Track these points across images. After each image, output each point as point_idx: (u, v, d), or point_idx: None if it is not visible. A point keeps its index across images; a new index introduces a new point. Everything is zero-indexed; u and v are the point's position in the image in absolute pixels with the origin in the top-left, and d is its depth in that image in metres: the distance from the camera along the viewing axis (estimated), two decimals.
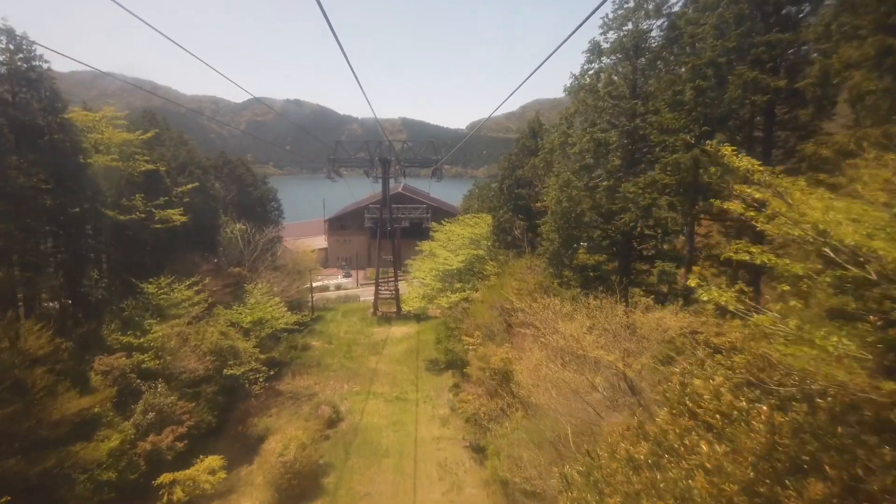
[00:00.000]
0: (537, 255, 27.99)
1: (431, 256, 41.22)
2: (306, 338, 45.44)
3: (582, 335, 11.19)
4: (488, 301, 28.75)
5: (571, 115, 21.14)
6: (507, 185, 32.92)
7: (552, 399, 11.19)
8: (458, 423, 27.35)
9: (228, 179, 46.91)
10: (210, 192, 35.99)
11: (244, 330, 31.83)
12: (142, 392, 21.38)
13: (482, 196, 54.23)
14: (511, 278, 29.38)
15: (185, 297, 27.45)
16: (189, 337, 25.67)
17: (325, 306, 62.30)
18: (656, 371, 9.79)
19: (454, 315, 31.97)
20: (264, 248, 42.63)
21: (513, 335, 27.74)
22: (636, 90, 18.93)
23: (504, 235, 32.92)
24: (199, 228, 34.92)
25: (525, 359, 14.53)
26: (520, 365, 15.15)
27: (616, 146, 19.48)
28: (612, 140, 19.21)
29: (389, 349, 43.30)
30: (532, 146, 33.27)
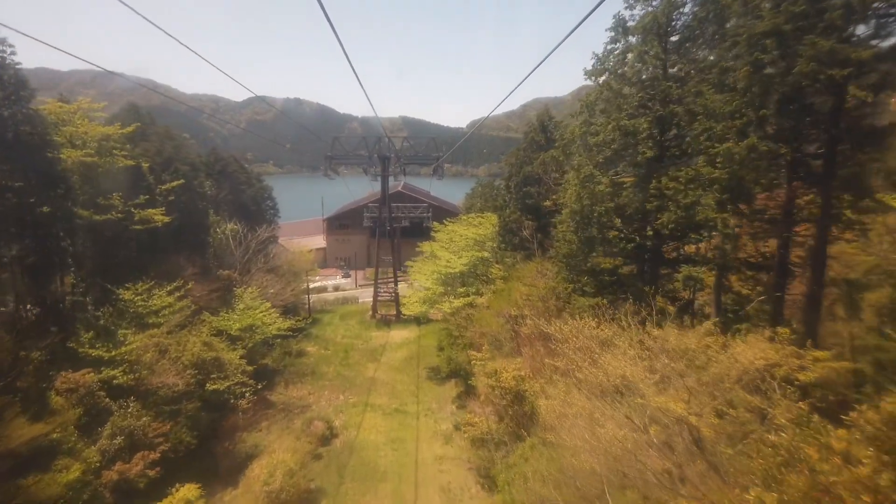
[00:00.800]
0: (548, 258, 25.66)
1: (432, 258, 38.83)
2: (301, 343, 43.10)
3: (640, 376, 8.80)
4: (495, 308, 26.42)
5: (593, 102, 18.76)
6: (514, 182, 30.44)
7: (587, 445, 8.88)
8: (463, 441, 25.02)
9: (220, 177, 44.55)
10: (198, 190, 33.61)
11: (232, 338, 29.50)
12: (111, 412, 19.04)
13: (485, 194, 51.84)
14: (519, 283, 27.03)
15: (166, 303, 25.08)
16: (169, 348, 23.32)
17: (322, 308, 59.99)
18: (736, 425, 7.54)
19: (457, 322, 29.63)
20: (257, 250, 40.27)
21: (522, 344, 25.43)
22: (667, 72, 16.60)
23: (511, 236, 30.55)
24: (186, 229, 32.54)
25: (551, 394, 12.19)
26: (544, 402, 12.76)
27: (646, 135, 17.13)
28: (642, 128, 16.85)
29: (388, 355, 40.98)
30: (541, 141, 30.82)
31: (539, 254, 28.07)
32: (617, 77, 17.74)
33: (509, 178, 31.10)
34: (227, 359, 24.92)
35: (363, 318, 53.34)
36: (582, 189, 18.07)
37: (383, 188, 51.85)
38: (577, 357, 11.59)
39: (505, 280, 29.19)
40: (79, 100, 27.29)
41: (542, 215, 29.57)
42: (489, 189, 54.00)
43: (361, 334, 47.64)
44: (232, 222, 41.74)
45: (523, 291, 26.00)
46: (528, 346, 23.88)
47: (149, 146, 32.53)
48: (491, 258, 32.32)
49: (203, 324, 27.45)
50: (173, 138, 34.92)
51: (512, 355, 24.94)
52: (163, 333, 23.75)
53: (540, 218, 29.57)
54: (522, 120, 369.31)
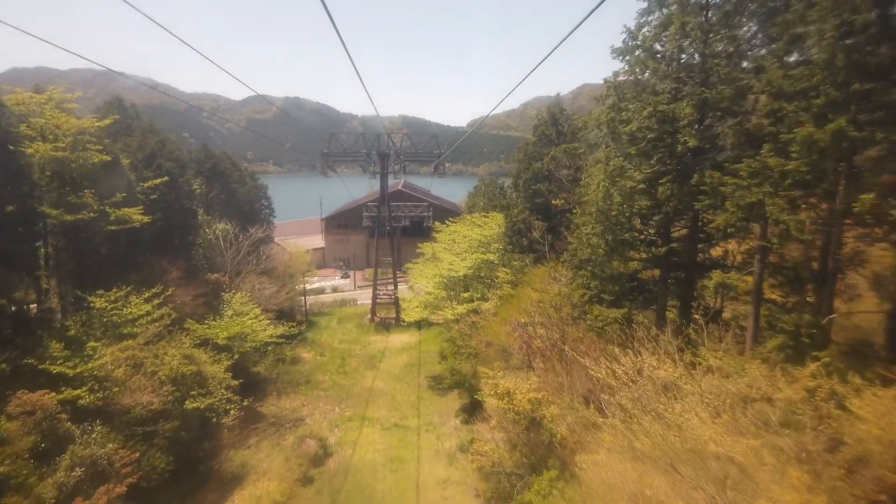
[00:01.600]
0: (562, 262, 23.33)
1: (434, 260, 36.51)
2: (296, 349, 40.80)
3: (752, 461, 6.38)
4: (502, 316, 24.13)
5: (622, 84, 16.36)
6: (523, 179, 28.04)
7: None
8: (468, 462, 22.70)
9: (212, 175, 42.19)
10: (184, 188, 31.27)
11: (220, 347, 27.21)
12: (73, 439, 16.73)
13: (489, 193, 49.47)
14: (529, 288, 24.71)
15: (143, 312, 22.75)
16: (145, 362, 21.00)
17: (319, 311, 57.73)
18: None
19: (460, 329, 27.33)
20: (249, 251, 37.93)
21: (533, 356, 23.12)
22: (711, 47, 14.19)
23: (519, 238, 28.22)
24: (170, 230, 30.22)
25: (595, 461, 9.81)
26: (586, 475, 10.31)
27: (688, 122, 14.73)
28: (684, 113, 14.47)
29: (388, 362, 38.70)
30: (552, 135, 28.43)
31: (550, 257, 25.72)
32: (651, 55, 15.33)
33: (517, 175, 28.67)
34: (210, 372, 22.60)
35: (361, 322, 51.07)
36: (611, 185, 15.66)
37: (382, 187, 49.52)
38: (634, 409, 9.21)
39: (513, 285, 26.89)
40: (50, 89, 24.92)
41: (552, 215, 27.22)
42: (492, 187, 51.64)
43: (359, 339, 45.37)
44: (223, 222, 39.41)
45: (533, 298, 23.70)
46: (542, 360, 21.59)
47: (130, 141, 30.21)
48: (497, 261, 30.00)
49: (186, 333, 25.13)
50: (158, 133, 32.56)
51: (522, 368, 22.66)
52: (138, 345, 21.41)
53: (550, 218, 27.20)
54: (523, 118, 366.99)
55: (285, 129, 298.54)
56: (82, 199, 23.41)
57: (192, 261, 31.61)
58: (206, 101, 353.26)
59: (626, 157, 15.29)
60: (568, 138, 27.91)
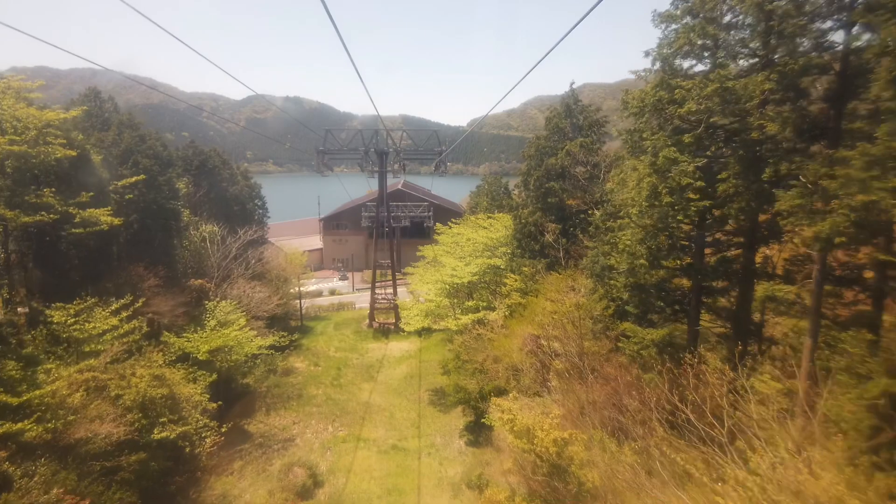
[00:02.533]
0: (580, 269, 20.63)
1: (435, 264, 33.84)
2: (289, 358, 38.15)
3: None
4: (513, 329, 21.46)
5: (672, 55, 13.50)
6: (534, 177, 25.23)
7: None
8: (474, 495, 20.01)
9: (199, 174, 39.48)
10: (165, 187, 28.54)
11: (200, 363, 24.55)
12: (11, 483, 14.06)
13: (492, 192, 46.76)
14: (542, 298, 22.03)
15: (110, 326, 20.05)
16: (109, 384, 18.32)
17: (316, 315, 55.11)
18: None
19: (465, 342, 24.65)
20: (239, 254, 35.24)
21: (547, 375, 20.46)
22: None
23: (529, 241, 25.48)
24: (149, 232, 27.53)
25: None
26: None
27: (763, 101, 11.86)
28: (761, 89, 11.54)
29: (386, 373, 36.03)
30: (566, 128, 25.64)
31: (566, 263, 22.99)
32: (710, 20, 12.43)
33: (527, 173, 25.90)
34: (184, 395, 19.90)
35: (359, 327, 48.41)
36: (660, 180, 12.80)
37: (381, 186, 46.85)
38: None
39: (523, 293, 24.22)
40: (7, 76, 22.21)
41: (566, 216, 24.48)
42: (496, 186, 48.89)
43: (357, 346, 42.70)
44: (211, 224, 36.71)
45: (548, 309, 21.02)
46: (558, 380, 18.92)
47: (105, 136, 27.51)
48: (504, 266, 27.33)
49: (161, 348, 22.44)
50: (137, 128, 29.82)
51: (535, 389, 20.00)
52: (102, 365, 18.72)
53: (565, 219, 24.46)
54: (523, 118, 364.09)
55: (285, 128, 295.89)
56: (42, 199, 20.70)
57: (173, 266, 28.91)
58: (205, 101, 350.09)
59: (677, 146, 12.54)
60: (584, 132, 25.19)
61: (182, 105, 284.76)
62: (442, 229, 37.81)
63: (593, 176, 22.38)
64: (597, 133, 24.94)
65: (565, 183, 24.06)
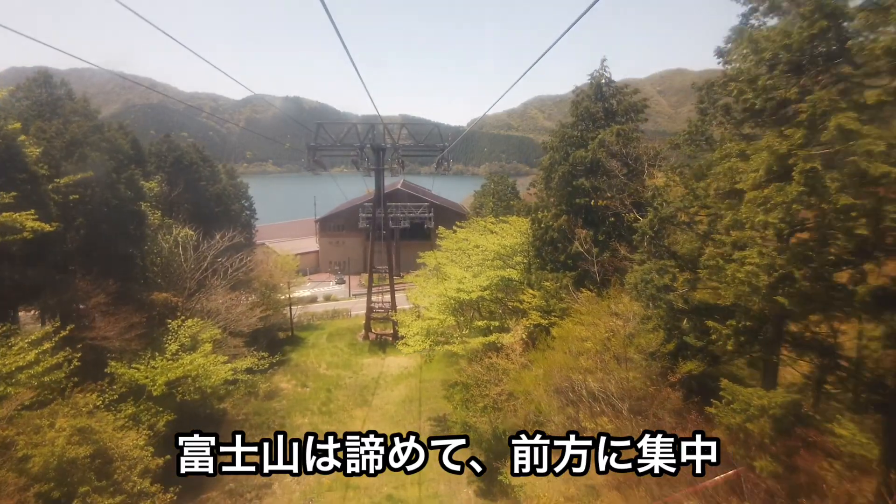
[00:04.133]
0: (623, 289, 16.13)
1: (438, 273, 29.35)
2: (274, 377, 33.67)
3: None
4: (537, 362, 16.99)
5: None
6: (559, 173, 20.43)
7: None
8: None
9: (174, 171, 34.96)
10: (123, 185, 24.03)
11: (156, 398, 20.08)
12: None
13: (498, 192, 42.17)
14: (572, 322, 17.53)
15: (25, 362, 15.53)
16: (16, 442, 13.83)
17: (308, 323, 50.59)
18: None
19: (475, 373, 20.15)
20: (215, 261, 30.73)
21: (582, 423, 15.95)
22: None
23: (552, 250, 20.84)
24: (102, 239, 23.02)
25: None
26: None
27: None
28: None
29: (382, 395, 31.50)
30: (597, 112, 20.91)
31: (601, 278, 18.36)
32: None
33: (550, 168, 21.14)
34: (120, 451, 15.39)
35: (354, 339, 43.90)
36: (826, 169, 8.01)
37: (378, 185, 42.34)
38: None
39: (544, 313, 19.75)
40: None
41: (598, 220, 19.83)
42: (502, 186, 44.24)
43: (351, 362, 38.19)
44: (186, 227, 32.21)
45: (582, 335, 16.54)
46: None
47: (48, 125, 22.99)
48: (520, 279, 22.83)
49: (98, 386, 17.93)
50: (92, 116, 25.34)
51: None
52: (7, 416, 14.21)
53: (596, 224, 19.83)
54: (524, 118, 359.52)
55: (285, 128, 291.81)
56: None
57: (132, 278, 24.38)
58: (205, 101, 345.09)
59: (856, 110, 8.04)
60: (619, 118, 20.61)
61: (181, 105, 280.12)
62: (445, 233, 33.26)
63: (634, 171, 17.95)
64: (634, 119, 20.39)
65: (597, 179, 19.44)
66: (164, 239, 30.27)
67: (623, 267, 18.26)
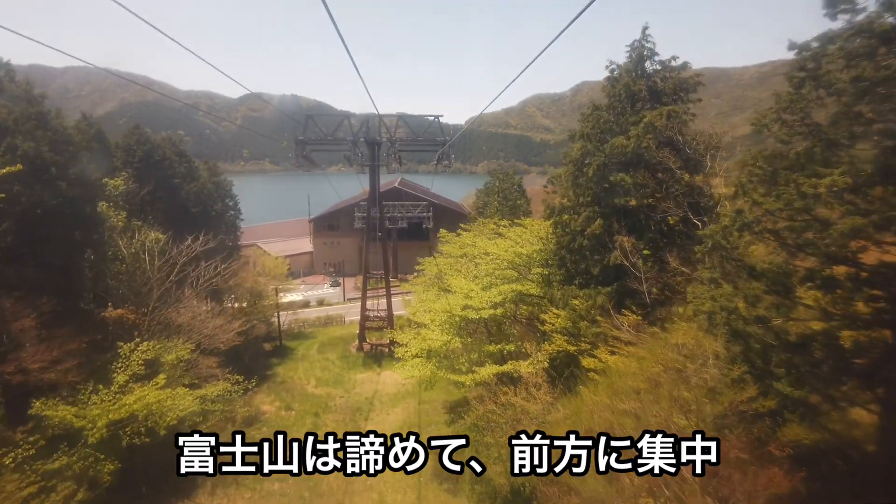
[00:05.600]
0: (682, 314, 12.15)
1: (439, 283, 25.34)
2: (256, 396, 29.72)
3: None
4: (568, 409, 13.05)
5: None
6: (593, 166, 15.94)
7: None
8: None
9: (144, 167, 30.83)
10: (62, 183, 19.92)
11: (97, 443, 16.06)
12: None
13: (504, 191, 38.09)
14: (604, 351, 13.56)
15: None
16: None
17: (300, 331, 46.66)
18: None
19: (486, 413, 16.14)
20: (184, 269, 26.64)
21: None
22: None
23: (582, 261, 16.61)
24: (38, 247, 18.96)
25: None
26: None
27: None
28: None
29: (376, 420, 27.51)
30: (640, 91, 16.56)
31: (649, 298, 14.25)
32: None
33: (579, 160, 16.34)
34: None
35: (347, 350, 39.94)
36: None
37: (372, 182, 38.42)
38: None
39: (573, 339, 15.78)
40: None
41: (644, 226, 15.55)
42: (508, 184, 40.20)
43: (343, 377, 34.25)
44: (157, 230, 28.13)
45: (631, 369, 12.63)
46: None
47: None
48: (541, 294, 18.76)
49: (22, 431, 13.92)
50: (36, 102, 21.20)
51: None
52: None
53: (640, 231, 15.60)
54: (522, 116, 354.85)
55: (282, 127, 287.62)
56: None
57: (74, 294, 20.31)
58: (201, 99, 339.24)
59: None
60: (668, 98, 16.45)
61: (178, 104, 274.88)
62: (448, 237, 29.18)
63: (693, 163, 14.03)
64: (684, 100, 16.25)
65: (641, 175, 15.33)
66: (128, 244, 26.16)
67: (673, 284, 14.34)
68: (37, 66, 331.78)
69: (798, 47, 10.88)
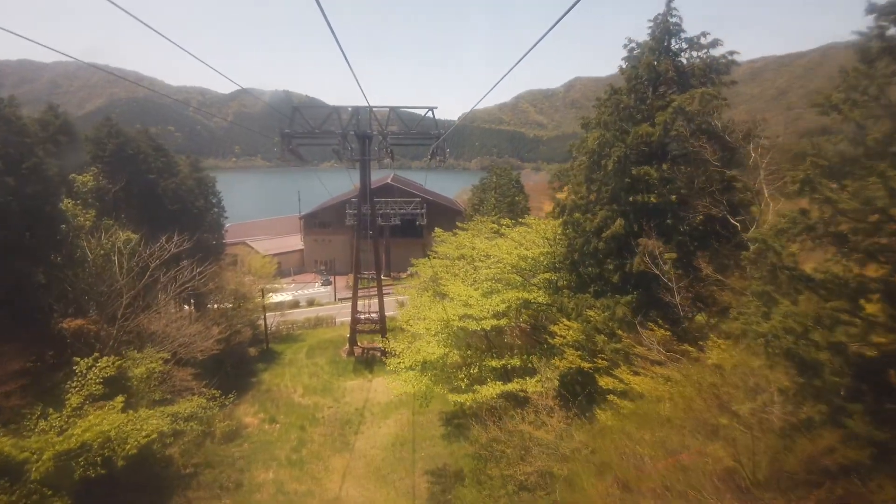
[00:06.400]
0: (743, 338, 10.06)
1: (434, 287, 23.17)
2: (239, 407, 27.52)
3: None
4: (604, 458, 10.95)
5: None
6: (613, 158, 13.62)
7: None
8: None
9: (116, 161, 28.35)
10: (9, 178, 17.51)
11: (39, 480, 13.79)
12: None
13: (501, 187, 35.93)
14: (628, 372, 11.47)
15: None
16: None
17: (288, 334, 44.31)
18: None
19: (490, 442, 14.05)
20: (156, 272, 24.29)
21: None
22: None
23: (597, 266, 14.42)
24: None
25: None
26: None
27: None
28: None
29: (367, 435, 25.36)
30: (666, 70, 14.12)
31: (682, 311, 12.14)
32: None
33: (596, 152, 14.04)
34: None
35: (337, 354, 37.72)
36: None
37: (362, 177, 36.11)
38: None
39: (590, 355, 13.72)
40: None
41: (672, 228, 13.30)
42: (505, 179, 38.05)
43: (332, 385, 32.03)
44: (128, 230, 25.71)
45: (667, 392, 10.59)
46: None
47: None
48: (550, 302, 16.66)
49: None
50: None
51: None
52: None
53: (667, 233, 13.39)
54: (515, 111, 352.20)
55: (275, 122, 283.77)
56: None
57: (29, 300, 17.94)
58: (193, 95, 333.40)
59: None
60: (696, 80, 14.17)
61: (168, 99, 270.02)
62: (443, 236, 26.99)
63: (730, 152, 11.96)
64: (716, 82, 13.94)
65: (668, 168, 13.10)
66: (96, 246, 23.74)
67: (704, 295, 12.28)
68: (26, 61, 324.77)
69: (879, 10, 8.80)
